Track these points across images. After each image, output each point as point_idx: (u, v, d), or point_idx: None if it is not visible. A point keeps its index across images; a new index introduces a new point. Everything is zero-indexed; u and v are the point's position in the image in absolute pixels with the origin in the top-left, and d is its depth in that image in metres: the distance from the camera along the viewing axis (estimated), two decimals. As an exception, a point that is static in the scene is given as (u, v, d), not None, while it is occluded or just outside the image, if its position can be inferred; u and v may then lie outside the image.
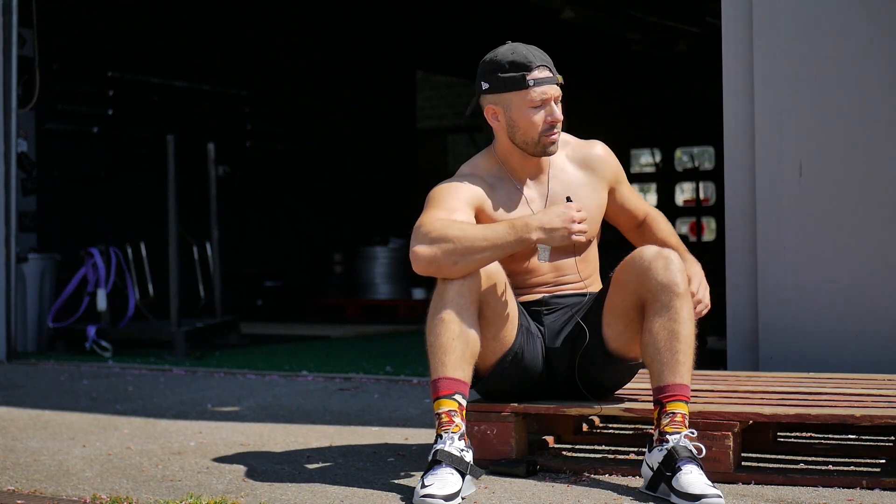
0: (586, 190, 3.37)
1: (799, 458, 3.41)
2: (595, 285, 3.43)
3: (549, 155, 3.31)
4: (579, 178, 3.38)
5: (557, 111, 3.26)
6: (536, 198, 3.34)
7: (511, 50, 3.26)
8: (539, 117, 3.24)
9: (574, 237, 3.09)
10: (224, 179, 9.52)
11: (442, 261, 3.06)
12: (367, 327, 9.59)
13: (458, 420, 3.03)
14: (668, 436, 2.99)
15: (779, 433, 3.60)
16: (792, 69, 4.52)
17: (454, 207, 3.21)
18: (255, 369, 6.37)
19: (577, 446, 3.64)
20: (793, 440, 3.66)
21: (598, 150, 3.44)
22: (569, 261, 3.36)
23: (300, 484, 3.24)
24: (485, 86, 3.29)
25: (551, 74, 3.25)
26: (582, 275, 3.38)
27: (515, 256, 3.26)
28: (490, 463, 3.28)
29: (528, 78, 3.22)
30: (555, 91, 3.25)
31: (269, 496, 3.09)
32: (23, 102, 7.97)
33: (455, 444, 3.00)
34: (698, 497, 2.83)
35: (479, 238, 3.06)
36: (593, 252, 3.45)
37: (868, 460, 3.37)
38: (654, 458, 3.00)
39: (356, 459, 3.63)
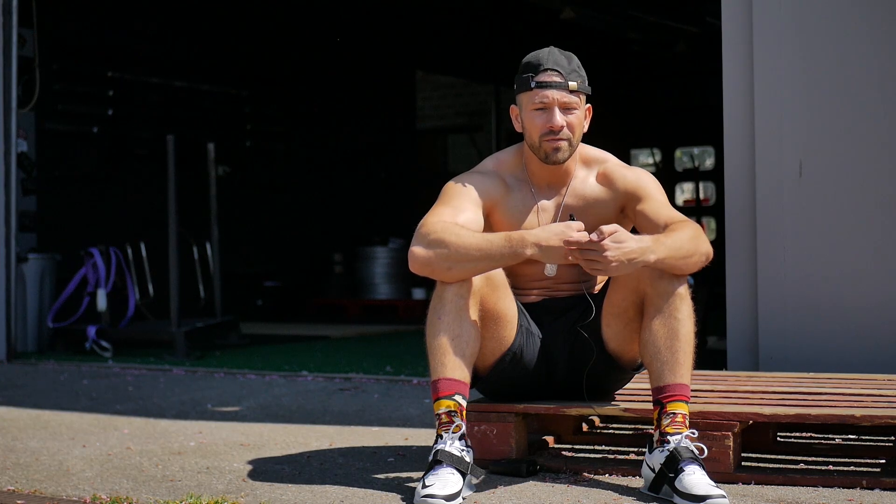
0: (598, 207, 3.29)
1: (799, 458, 3.41)
2: (597, 288, 3.40)
3: (553, 163, 3.24)
4: (596, 193, 3.30)
5: (557, 117, 3.18)
6: (550, 208, 3.30)
7: (537, 53, 3.25)
8: (540, 121, 3.21)
9: (571, 258, 2.99)
10: (224, 179, 9.52)
11: (436, 265, 3.05)
12: (367, 327, 9.58)
13: (458, 420, 3.03)
14: (669, 436, 2.99)
15: (779, 433, 3.60)
16: (792, 69, 4.52)
17: (462, 207, 3.20)
18: (255, 369, 6.37)
19: (577, 446, 3.64)
20: (793, 440, 3.66)
21: (625, 170, 3.32)
22: (574, 269, 3.32)
23: (300, 484, 3.24)
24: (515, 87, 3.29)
25: (560, 80, 3.18)
26: (586, 286, 3.33)
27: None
28: (490, 463, 3.28)
29: (533, 80, 3.21)
30: (560, 96, 3.18)
31: (269, 496, 3.09)
32: (23, 102, 7.97)
33: (455, 445, 3.00)
34: (703, 498, 2.83)
35: (473, 247, 3.02)
36: None
37: (868, 460, 3.38)
38: (656, 459, 2.99)
39: (356, 459, 3.63)
